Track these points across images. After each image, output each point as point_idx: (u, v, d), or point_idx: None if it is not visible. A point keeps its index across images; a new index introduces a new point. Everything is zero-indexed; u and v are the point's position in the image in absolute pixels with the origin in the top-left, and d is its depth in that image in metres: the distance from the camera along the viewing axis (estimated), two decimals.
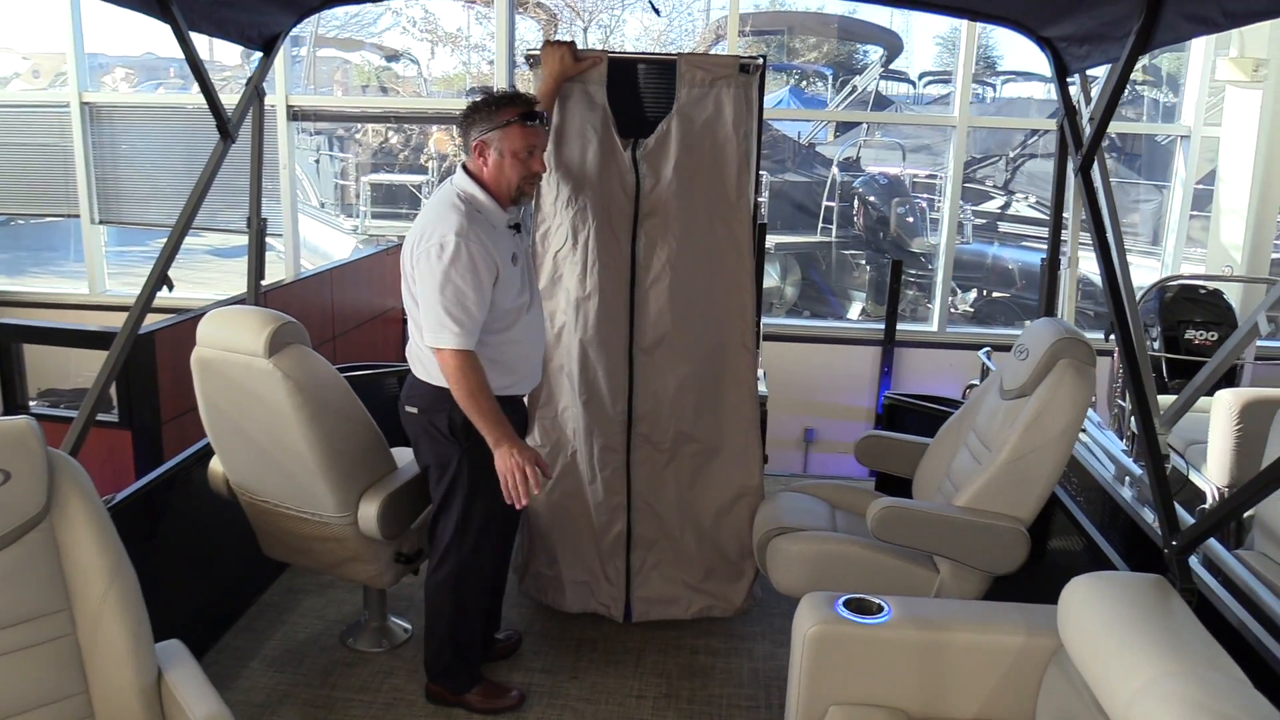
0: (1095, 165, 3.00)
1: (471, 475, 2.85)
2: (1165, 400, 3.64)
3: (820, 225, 8.75)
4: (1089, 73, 3.73)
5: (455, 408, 2.74)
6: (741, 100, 3.24)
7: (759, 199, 3.50)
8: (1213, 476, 3.74)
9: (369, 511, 2.96)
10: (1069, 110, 3.08)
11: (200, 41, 3.10)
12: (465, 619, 3.04)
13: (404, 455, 3.29)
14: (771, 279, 8.37)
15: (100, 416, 4.00)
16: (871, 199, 8.88)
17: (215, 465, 3.23)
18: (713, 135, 3.25)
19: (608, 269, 3.27)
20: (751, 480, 3.45)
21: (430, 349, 2.72)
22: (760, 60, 3.27)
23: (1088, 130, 3.08)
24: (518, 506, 2.75)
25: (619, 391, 3.34)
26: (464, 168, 2.82)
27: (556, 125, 3.26)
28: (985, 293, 8.71)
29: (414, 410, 2.90)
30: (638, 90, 3.28)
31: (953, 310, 7.58)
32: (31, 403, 4.75)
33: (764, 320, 6.71)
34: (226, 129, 3.15)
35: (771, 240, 8.47)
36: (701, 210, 3.29)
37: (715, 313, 3.36)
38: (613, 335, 3.30)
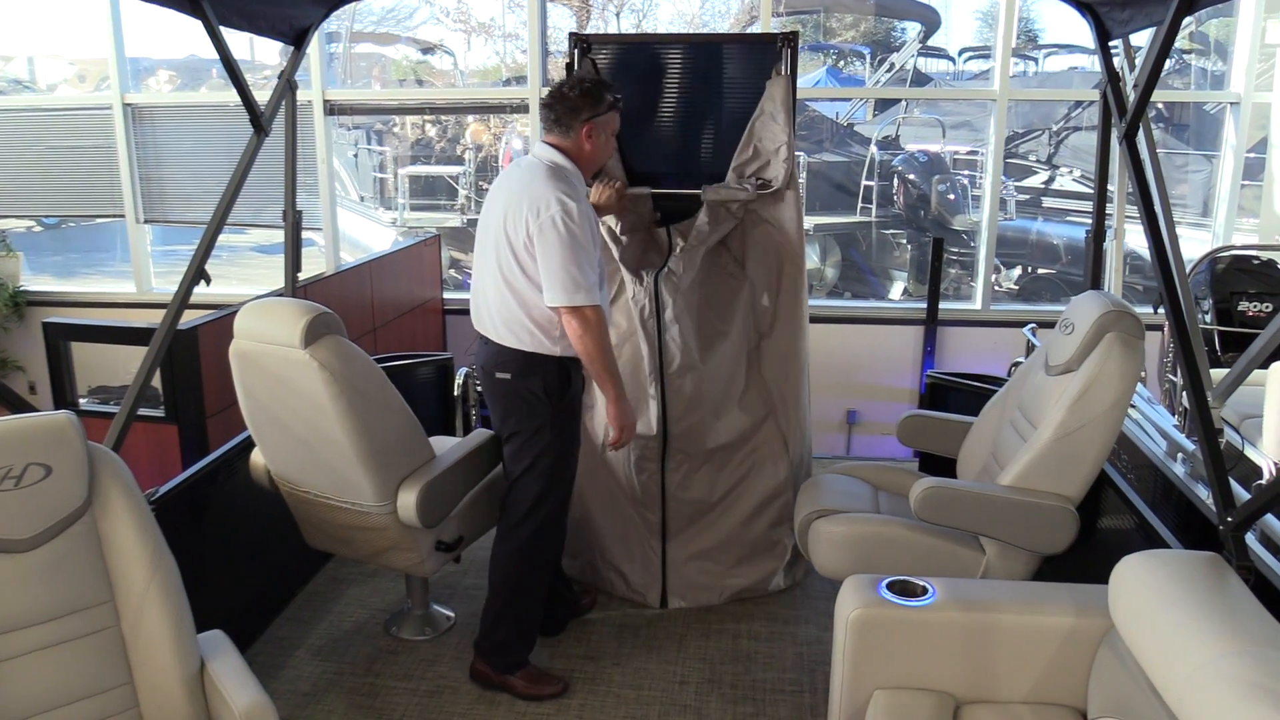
0: (1140, 133, 2.91)
1: (562, 438, 2.99)
2: (1219, 374, 3.54)
3: (860, 205, 8.63)
4: (1133, 39, 3.63)
5: (548, 372, 2.91)
6: (771, 203, 3.52)
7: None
8: (1269, 451, 3.62)
9: (408, 500, 2.96)
10: (1112, 77, 3.00)
11: (241, 41, 3.12)
12: (533, 586, 3.10)
13: (442, 444, 3.29)
14: (811, 260, 8.28)
15: (148, 412, 4.07)
16: (911, 177, 8.73)
17: (256, 457, 3.26)
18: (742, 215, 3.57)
19: (639, 311, 3.45)
20: (780, 474, 3.59)
21: (561, 310, 2.80)
22: (790, 36, 3.36)
23: (1132, 97, 2.99)
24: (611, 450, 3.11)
25: (653, 415, 3.48)
26: (553, 146, 2.93)
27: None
28: (1030, 269, 8.55)
29: (506, 376, 2.95)
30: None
31: (997, 288, 7.45)
32: (82, 400, 4.83)
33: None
34: (260, 123, 3.17)
35: (810, 221, 8.38)
36: (728, 253, 3.58)
37: (735, 336, 3.56)
38: (643, 367, 3.47)
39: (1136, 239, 4.40)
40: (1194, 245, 6.62)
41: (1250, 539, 2.33)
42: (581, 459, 3.44)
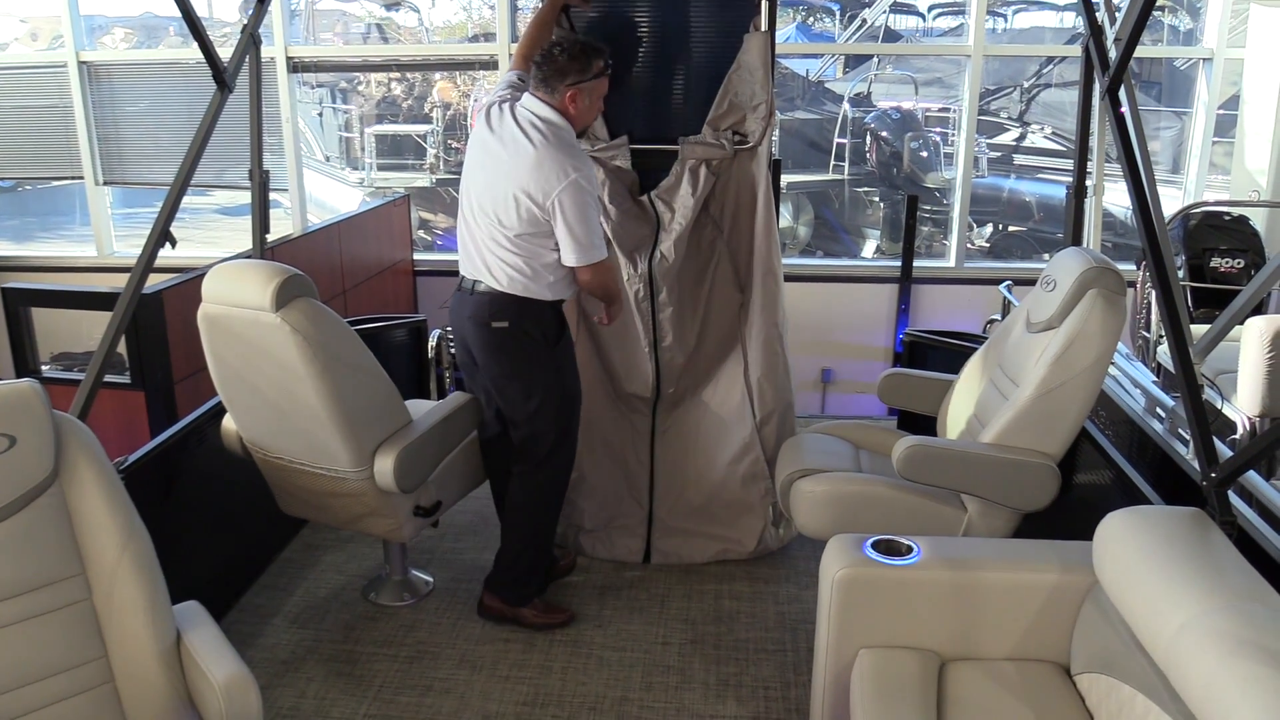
0: (1122, 89, 2.89)
1: (564, 377, 3.15)
2: (1193, 330, 3.55)
3: (832, 163, 8.58)
4: None
5: (543, 317, 3.03)
6: (747, 159, 3.52)
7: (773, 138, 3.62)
8: (1243, 406, 3.66)
9: (385, 465, 2.91)
10: (1095, 31, 2.96)
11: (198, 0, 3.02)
12: (551, 523, 3.28)
13: (416, 408, 3.24)
14: (784, 219, 8.24)
15: (113, 378, 3.98)
16: (884, 134, 8.69)
17: (228, 423, 3.19)
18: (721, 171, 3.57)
19: (634, 294, 3.53)
20: (746, 430, 3.62)
21: (578, 268, 2.96)
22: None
23: (1114, 52, 2.96)
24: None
25: (649, 381, 3.63)
26: (544, 103, 2.95)
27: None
28: (1001, 227, 8.56)
29: (504, 324, 3.00)
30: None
31: (969, 245, 7.45)
32: (44, 366, 4.72)
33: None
34: (223, 79, 3.08)
35: (783, 180, 8.32)
36: (709, 226, 3.60)
37: (720, 305, 3.66)
38: (639, 342, 3.59)
39: (1110, 195, 4.39)
40: (1165, 202, 6.61)
41: (1230, 494, 2.34)
42: (595, 410, 3.63)
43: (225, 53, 3.19)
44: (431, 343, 4.57)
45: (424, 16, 9.05)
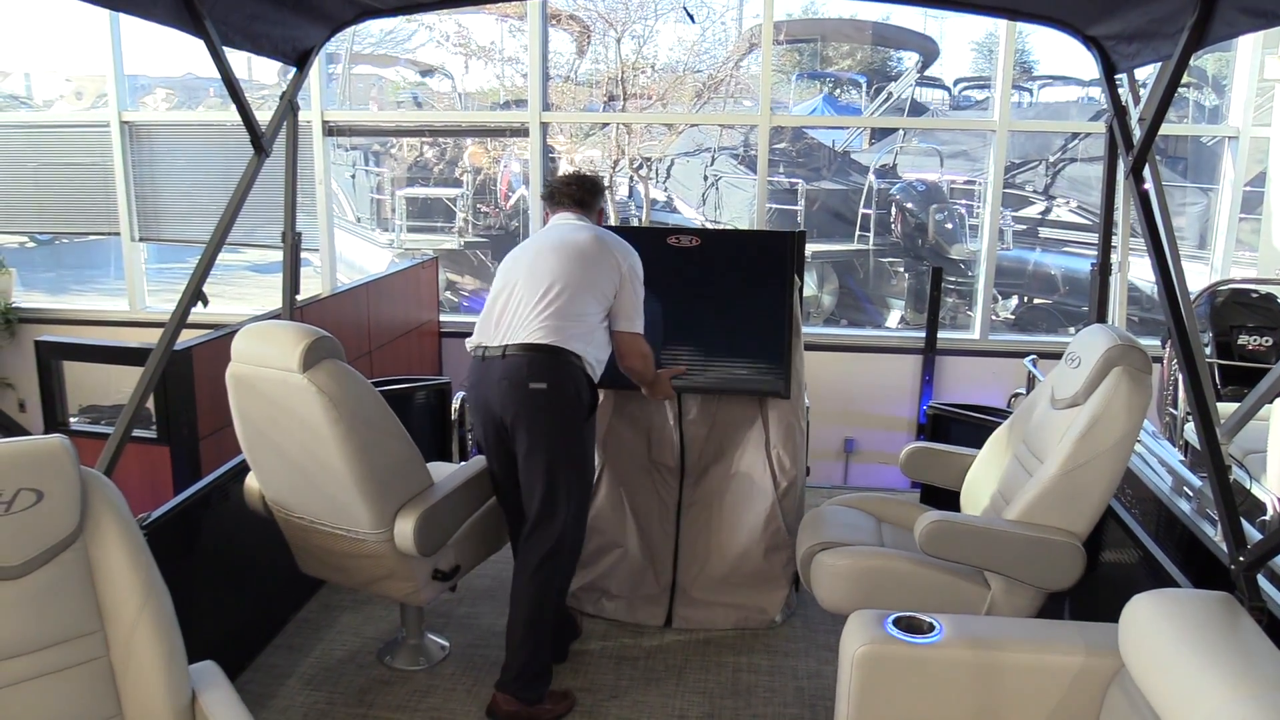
0: (1146, 167, 2.90)
1: (589, 447, 3.20)
2: (1221, 409, 3.52)
3: (857, 233, 8.63)
4: (1137, 72, 3.63)
5: (580, 381, 3.04)
6: None
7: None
8: (1273, 486, 3.60)
9: (405, 528, 2.91)
10: (1119, 111, 2.98)
11: (239, 59, 3.10)
12: (559, 599, 3.19)
13: (438, 470, 3.25)
14: (809, 288, 8.28)
15: (139, 432, 4.02)
16: (909, 206, 8.75)
17: (251, 482, 3.21)
18: None
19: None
20: (768, 502, 3.68)
21: (632, 335, 3.20)
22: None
23: (1138, 131, 2.98)
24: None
25: (675, 453, 3.82)
26: (585, 220, 3.32)
27: None
28: (1026, 299, 8.56)
29: (542, 385, 2.98)
30: None
31: (993, 317, 7.45)
32: (72, 419, 4.77)
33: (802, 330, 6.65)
34: (260, 144, 3.14)
35: (808, 249, 8.38)
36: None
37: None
38: (666, 417, 3.83)
39: (1136, 270, 4.40)
40: (1191, 278, 6.60)
41: (1260, 578, 2.30)
42: (626, 477, 3.79)
43: (263, 115, 3.27)
44: (455, 405, 4.59)
45: (457, 82, 9.25)
